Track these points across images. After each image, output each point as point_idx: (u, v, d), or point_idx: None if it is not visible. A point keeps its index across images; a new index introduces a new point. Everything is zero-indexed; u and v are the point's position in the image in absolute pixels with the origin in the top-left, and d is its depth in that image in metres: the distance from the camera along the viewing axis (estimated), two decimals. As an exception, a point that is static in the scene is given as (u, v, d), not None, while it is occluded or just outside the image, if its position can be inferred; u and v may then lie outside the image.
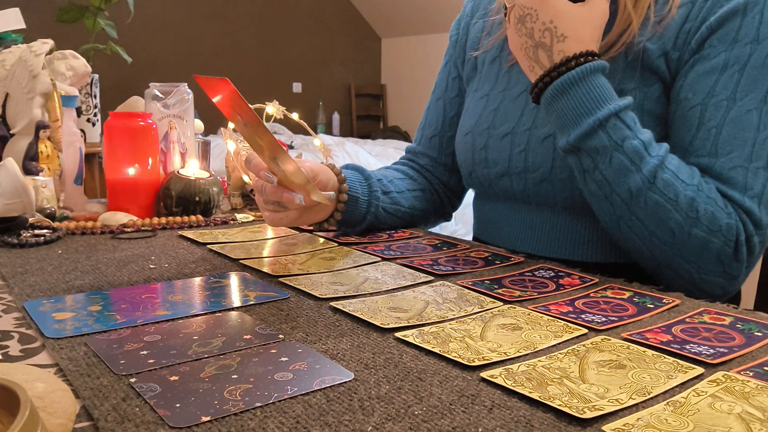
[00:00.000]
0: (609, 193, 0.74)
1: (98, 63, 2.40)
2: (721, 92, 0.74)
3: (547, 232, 0.88)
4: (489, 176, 0.91)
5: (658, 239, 0.73)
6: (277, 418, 0.42)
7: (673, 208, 0.71)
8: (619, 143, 0.72)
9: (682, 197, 0.71)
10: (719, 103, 0.74)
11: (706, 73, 0.75)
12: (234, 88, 0.66)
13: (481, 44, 0.98)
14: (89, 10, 2.67)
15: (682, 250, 0.73)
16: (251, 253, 0.84)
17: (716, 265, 0.73)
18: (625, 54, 0.80)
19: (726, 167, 0.73)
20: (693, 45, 0.76)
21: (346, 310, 0.62)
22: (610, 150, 0.72)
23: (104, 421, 0.41)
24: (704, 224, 0.71)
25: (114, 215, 1.00)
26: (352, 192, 0.89)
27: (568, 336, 0.57)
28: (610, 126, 0.72)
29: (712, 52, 0.75)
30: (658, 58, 0.78)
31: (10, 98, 1.22)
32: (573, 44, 0.74)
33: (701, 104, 0.75)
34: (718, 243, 0.72)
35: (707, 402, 0.45)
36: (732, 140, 0.73)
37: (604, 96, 0.73)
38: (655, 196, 0.71)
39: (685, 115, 0.76)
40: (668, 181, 0.71)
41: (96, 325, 0.58)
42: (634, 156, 0.71)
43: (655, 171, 0.71)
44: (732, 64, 0.74)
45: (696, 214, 0.71)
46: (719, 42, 0.75)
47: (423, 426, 0.42)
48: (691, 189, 0.71)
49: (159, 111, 1.13)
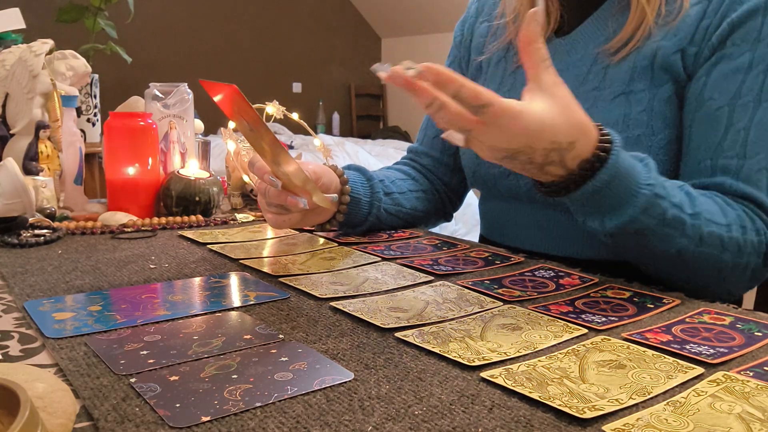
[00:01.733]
0: (655, 258, 0.73)
1: (98, 63, 2.40)
2: (748, 93, 0.74)
3: (553, 230, 0.88)
4: (494, 175, 0.91)
5: (704, 279, 0.74)
6: (277, 418, 0.42)
7: (720, 253, 0.71)
8: (660, 219, 0.68)
9: (726, 240, 0.71)
10: (746, 104, 0.74)
11: (731, 73, 0.75)
12: (239, 91, 0.66)
13: (486, 48, 0.98)
14: (89, 10, 2.67)
15: (726, 278, 0.74)
16: (251, 253, 0.84)
17: (750, 277, 0.75)
18: (636, 54, 0.80)
19: (754, 169, 0.74)
20: (714, 41, 0.76)
21: (346, 310, 0.62)
22: (653, 228, 0.68)
23: (104, 421, 0.41)
24: (746, 252, 0.73)
25: (114, 215, 1.00)
26: (355, 194, 0.90)
27: (568, 336, 0.57)
28: (650, 207, 0.67)
29: (736, 52, 0.75)
30: (674, 54, 0.78)
31: (10, 98, 1.22)
32: (584, 142, 0.63)
33: (728, 105, 0.75)
34: (753, 260, 0.73)
35: (707, 402, 0.45)
36: (759, 142, 0.74)
37: (635, 180, 0.66)
38: (703, 249, 0.71)
39: (711, 115, 0.76)
40: (712, 233, 0.71)
41: (96, 325, 0.58)
42: (677, 223, 0.69)
43: (698, 229, 0.70)
44: (757, 64, 0.74)
45: (739, 249, 0.72)
46: (742, 41, 0.75)
47: (423, 426, 0.42)
48: (732, 229, 0.72)
49: (159, 111, 1.13)
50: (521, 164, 0.63)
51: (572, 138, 0.62)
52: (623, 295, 0.68)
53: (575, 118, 0.63)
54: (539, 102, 0.61)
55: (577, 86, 0.84)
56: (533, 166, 0.63)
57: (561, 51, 0.88)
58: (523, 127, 0.59)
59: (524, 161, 0.63)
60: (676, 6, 0.78)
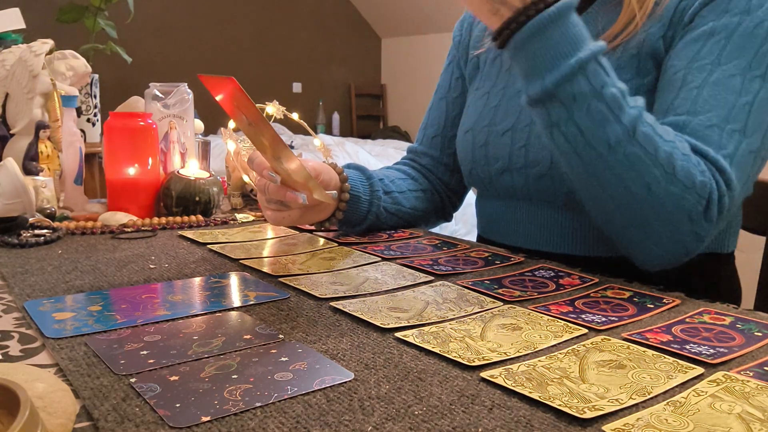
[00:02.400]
0: (583, 146, 0.69)
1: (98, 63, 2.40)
2: (706, 57, 0.74)
3: (549, 228, 0.88)
4: (489, 173, 0.91)
5: (632, 196, 0.69)
6: (277, 418, 0.42)
7: (651, 163, 0.68)
8: (598, 90, 0.66)
9: (661, 152, 0.68)
10: (703, 66, 0.74)
11: (692, 41, 0.76)
12: (239, 85, 0.66)
13: (483, 43, 0.99)
14: (89, 10, 2.67)
15: (656, 206, 0.69)
16: (251, 253, 0.84)
17: (687, 223, 0.70)
18: (623, 46, 0.80)
19: (703, 125, 0.72)
20: (686, 20, 0.77)
21: (346, 310, 0.62)
22: (589, 97, 0.66)
23: (104, 421, 0.41)
24: (680, 180, 0.68)
25: (114, 215, 1.00)
26: (354, 191, 0.90)
27: (568, 336, 0.57)
28: (590, 70, 0.66)
29: (701, 22, 0.76)
30: (658, 40, 0.79)
31: (10, 98, 1.22)
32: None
33: (685, 69, 0.75)
34: (692, 200, 0.69)
35: (707, 402, 0.45)
36: (711, 100, 0.72)
37: (581, 35, 0.66)
38: (634, 148, 0.67)
39: (669, 80, 0.76)
40: (648, 134, 0.68)
41: (96, 325, 0.58)
42: (614, 105, 0.67)
43: (635, 122, 0.67)
44: (719, 31, 0.74)
45: (673, 170, 0.68)
46: (709, 13, 0.75)
47: (423, 426, 0.42)
48: (669, 144, 0.69)
49: (159, 111, 1.13)
50: None
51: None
52: (623, 295, 0.68)
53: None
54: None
55: None
56: None
57: None
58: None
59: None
60: None
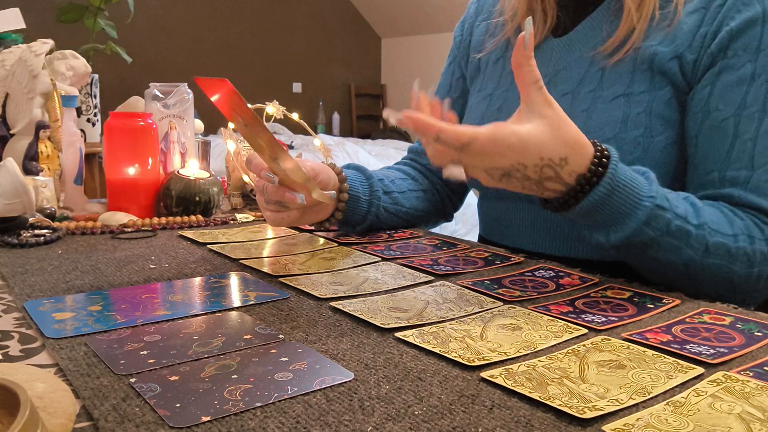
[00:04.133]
0: (663, 269, 0.72)
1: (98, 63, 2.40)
2: (753, 104, 0.75)
3: (550, 230, 0.88)
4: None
5: (716, 290, 0.73)
6: (277, 418, 0.42)
7: (729, 263, 0.71)
8: (664, 230, 0.69)
9: (734, 250, 0.71)
10: (752, 115, 0.75)
11: (734, 84, 0.76)
12: (233, 88, 0.66)
13: (485, 46, 0.98)
14: (89, 10, 2.66)
15: (740, 288, 0.74)
16: (251, 253, 0.84)
17: (766, 288, 0.75)
18: (634, 57, 0.80)
19: (762, 179, 0.74)
20: (713, 48, 0.76)
21: (346, 310, 0.62)
22: (657, 239, 0.69)
23: (104, 421, 0.41)
24: (757, 262, 0.72)
25: (114, 215, 1.00)
26: (353, 191, 0.90)
27: (568, 336, 0.57)
28: (652, 218, 0.68)
29: (737, 62, 0.76)
30: (671, 60, 0.78)
31: (10, 98, 1.22)
32: (578, 159, 0.65)
33: (734, 116, 0.75)
34: (766, 270, 0.73)
35: (707, 402, 0.45)
36: (766, 152, 0.74)
37: (635, 192, 0.67)
38: (711, 260, 0.71)
39: (717, 127, 0.77)
40: (718, 243, 0.71)
41: (96, 325, 0.58)
42: (681, 234, 0.69)
43: (704, 240, 0.70)
44: (759, 74, 0.75)
45: (747, 258, 0.72)
46: (744, 51, 0.75)
47: (423, 426, 0.42)
48: (739, 239, 0.72)
49: (159, 111, 1.13)
50: (520, 183, 0.66)
51: (563, 154, 0.64)
52: (623, 295, 0.68)
53: (566, 135, 0.64)
54: (526, 122, 0.64)
55: (576, 86, 0.85)
56: (531, 183, 0.66)
57: (558, 51, 0.88)
58: (506, 147, 0.62)
59: (521, 179, 0.65)
60: (671, 10, 0.78)
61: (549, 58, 0.89)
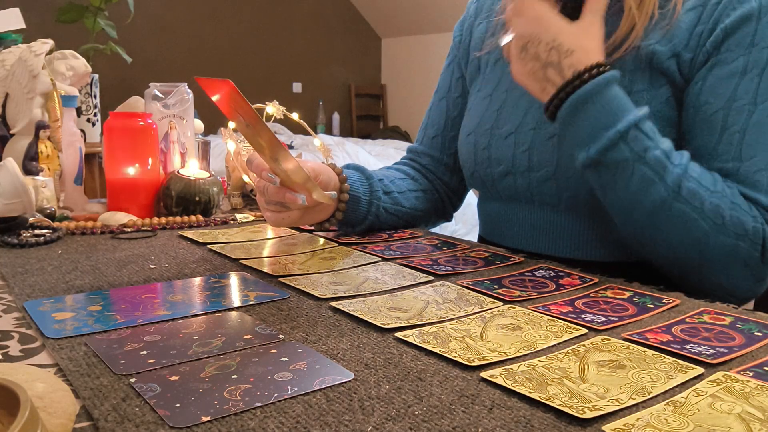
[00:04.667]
0: (632, 206, 0.73)
1: (98, 63, 2.40)
2: (743, 96, 0.75)
3: (550, 231, 0.88)
4: (492, 176, 0.91)
5: (684, 249, 0.73)
6: (277, 418, 0.42)
7: (699, 217, 0.71)
8: (641, 154, 0.71)
9: (708, 205, 0.71)
10: (741, 107, 0.75)
11: (726, 78, 0.76)
12: (235, 87, 0.66)
13: (485, 45, 0.98)
14: (89, 10, 2.66)
15: (709, 258, 0.73)
16: (251, 253, 0.84)
17: (743, 269, 0.73)
18: (634, 56, 0.80)
19: (751, 171, 0.74)
20: (708, 47, 0.77)
21: (346, 310, 0.62)
22: (632, 162, 0.71)
23: (104, 421, 0.41)
24: (731, 230, 0.71)
25: (114, 215, 1.00)
26: (354, 192, 0.90)
27: (568, 336, 0.57)
28: (631, 137, 0.71)
29: (730, 57, 0.76)
30: (669, 59, 0.78)
31: (10, 98, 1.22)
32: (581, 57, 0.73)
33: (723, 109, 0.75)
34: (745, 247, 0.72)
35: (707, 402, 0.45)
36: (756, 144, 0.74)
37: (621, 107, 0.72)
38: (680, 205, 0.71)
39: (707, 120, 0.77)
40: (693, 189, 0.71)
41: (96, 325, 0.58)
42: (657, 166, 0.71)
43: (679, 180, 0.71)
44: (751, 68, 0.75)
45: (722, 220, 0.71)
46: (737, 46, 0.75)
47: (423, 426, 0.42)
48: (716, 196, 0.71)
49: (159, 111, 1.13)
50: (531, 61, 0.76)
51: (572, 46, 0.74)
52: (623, 295, 0.68)
53: (585, 37, 0.75)
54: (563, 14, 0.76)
55: None
56: (538, 65, 0.75)
57: None
58: (536, 16, 0.76)
59: (532, 57, 0.75)
60: (670, 8, 0.79)
61: None
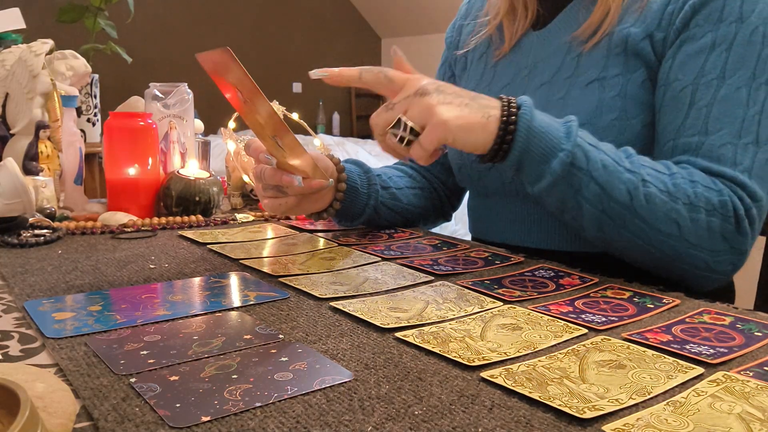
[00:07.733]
0: (606, 202, 0.70)
1: (98, 63, 2.39)
2: (711, 72, 0.75)
3: (535, 223, 0.89)
4: (479, 170, 0.92)
5: (664, 235, 0.72)
6: (277, 418, 0.42)
7: (669, 200, 0.70)
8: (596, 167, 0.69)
9: (672, 187, 0.71)
10: (709, 82, 0.74)
11: (694, 54, 0.76)
12: (233, 55, 0.65)
13: (468, 44, 1.00)
14: (89, 10, 2.66)
15: (690, 238, 0.72)
16: (251, 253, 0.84)
17: (722, 243, 0.72)
18: (609, 41, 0.81)
19: (716, 144, 0.74)
20: (678, 24, 0.77)
21: (346, 310, 0.62)
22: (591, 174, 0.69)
23: (104, 421, 0.41)
24: (701, 207, 0.71)
25: (114, 215, 1.00)
26: (352, 182, 0.90)
27: (568, 336, 0.57)
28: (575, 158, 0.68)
29: (699, 33, 0.76)
30: (643, 40, 0.79)
31: (10, 98, 1.22)
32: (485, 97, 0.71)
33: (692, 84, 0.75)
34: (718, 221, 0.71)
35: (707, 402, 0.45)
36: (722, 118, 0.74)
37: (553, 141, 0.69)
38: (649, 189, 0.70)
39: (676, 96, 0.77)
40: (652, 174, 0.71)
41: (96, 325, 0.58)
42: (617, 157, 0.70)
43: (638, 167, 0.70)
44: (719, 43, 0.75)
45: (689, 198, 0.71)
46: (705, 22, 0.76)
47: (423, 426, 0.42)
48: (678, 178, 0.71)
49: (159, 111, 1.13)
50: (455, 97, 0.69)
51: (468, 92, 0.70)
52: (623, 295, 0.68)
53: None
54: None
55: (553, 75, 0.86)
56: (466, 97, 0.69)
57: (537, 43, 0.91)
58: None
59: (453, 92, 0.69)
60: None
61: (528, 50, 0.91)
